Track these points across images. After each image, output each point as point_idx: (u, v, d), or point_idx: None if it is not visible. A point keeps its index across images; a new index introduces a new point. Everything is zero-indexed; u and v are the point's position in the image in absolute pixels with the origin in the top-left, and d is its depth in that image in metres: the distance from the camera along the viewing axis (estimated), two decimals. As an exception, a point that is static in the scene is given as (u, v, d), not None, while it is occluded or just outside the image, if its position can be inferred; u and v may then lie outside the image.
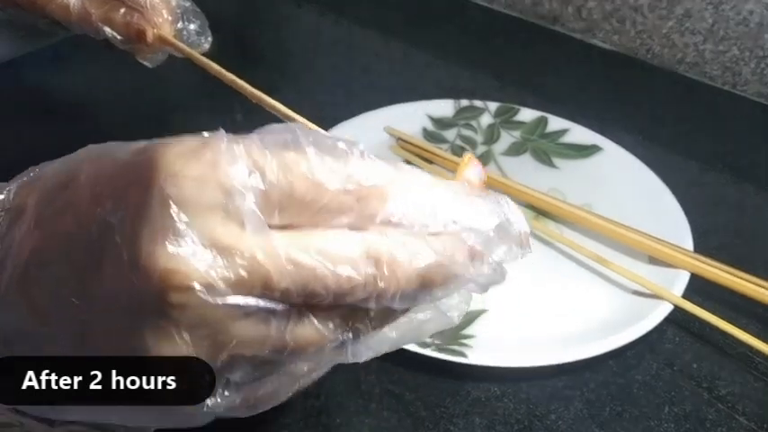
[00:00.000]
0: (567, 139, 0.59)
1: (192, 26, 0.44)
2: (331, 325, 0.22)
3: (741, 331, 0.43)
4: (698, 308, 0.44)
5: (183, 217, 0.19)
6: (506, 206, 0.26)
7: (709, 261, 0.47)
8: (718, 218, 0.54)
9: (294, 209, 0.21)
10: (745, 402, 0.41)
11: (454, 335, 0.44)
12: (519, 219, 0.26)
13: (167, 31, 0.43)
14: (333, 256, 0.21)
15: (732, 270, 0.46)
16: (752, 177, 0.59)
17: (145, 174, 0.20)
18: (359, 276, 0.21)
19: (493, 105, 0.62)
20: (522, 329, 0.44)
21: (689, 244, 0.49)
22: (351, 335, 0.23)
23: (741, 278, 0.46)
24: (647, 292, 0.46)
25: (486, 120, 0.61)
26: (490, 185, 0.55)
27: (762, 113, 0.66)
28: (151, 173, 0.20)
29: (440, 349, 0.42)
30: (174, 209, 0.19)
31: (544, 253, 0.50)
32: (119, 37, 0.43)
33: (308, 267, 0.20)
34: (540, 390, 0.41)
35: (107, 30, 0.43)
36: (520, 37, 0.77)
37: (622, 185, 0.55)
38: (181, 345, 0.20)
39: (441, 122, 0.61)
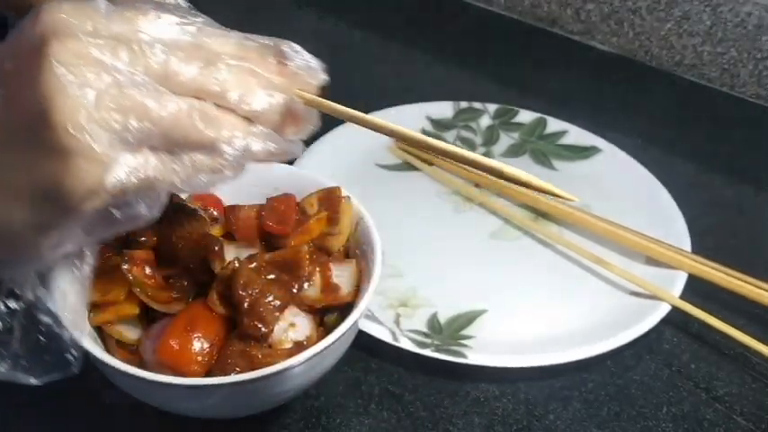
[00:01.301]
0: (565, 140, 0.60)
1: None
2: (195, 104, 0.26)
3: (739, 332, 0.43)
4: (696, 308, 0.45)
5: (65, 7, 0.25)
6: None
7: (707, 262, 0.47)
8: (716, 219, 0.54)
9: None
10: (743, 402, 0.41)
11: (453, 335, 0.44)
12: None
13: None
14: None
15: (730, 271, 0.47)
16: (750, 178, 0.59)
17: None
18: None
19: (492, 107, 0.63)
20: (521, 330, 0.45)
21: (687, 245, 0.49)
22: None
23: (739, 279, 0.46)
24: (646, 292, 0.46)
25: (485, 121, 0.62)
26: (490, 187, 0.55)
27: (760, 115, 0.66)
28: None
29: (439, 350, 0.42)
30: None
31: (543, 254, 0.50)
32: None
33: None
34: (538, 390, 0.42)
35: None
36: (519, 39, 0.77)
37: (621, 187, 0.55)
38: (67, 83, 0.23)
39: (440, 124, 0.61)
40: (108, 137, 0.24)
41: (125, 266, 0.36)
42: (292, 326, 0.36)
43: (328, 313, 0.38)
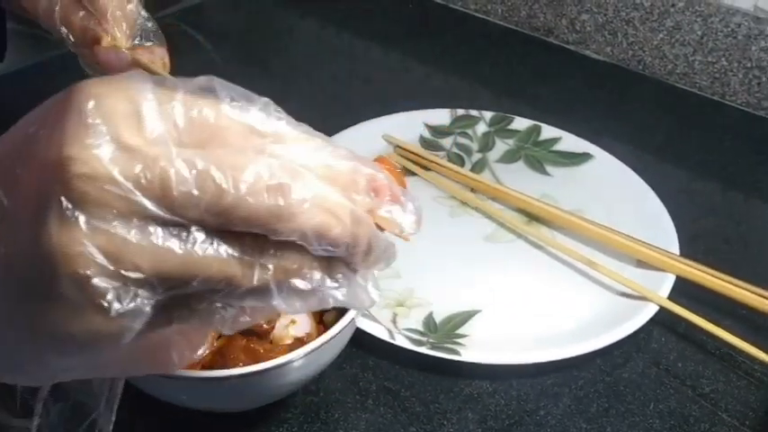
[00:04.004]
0: (559, 147, 0.61)
1: (147, 44, 0.44)
2: (240, 254, 0.21)
3: (725, 332, 0.45)
4: (683, 309, 0.46)
5: (95, 119, 0.19)
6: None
7: (694, 264, 0.49)
8: (705, 224, 0.56)
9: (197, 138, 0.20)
10: (728, 400, 0.43)
11: (448, 334, 0.45)
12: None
13: (123, 44, 0.43)
14: (238, 166, 0.20)
15: (716, 273, 0.48)
16: (739, 185, 0.60)
17: (66, 97, 0.20)
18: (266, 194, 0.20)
19: (488, 114, 0.64)
20: (514, 329, 0.46)
21: (675, 248, 0.51)
22: (271, 276, 0.21)
23: (725, 281, 0.48)
24: (635, 293, 0.48)
25: (481, 128, 0.63)
26: (485, 192, 0.57)
27: (749, 123, 0.68)
28: (71, 95, 0.20)
29: (434, 347, 0.43)
30: (88, 113, 0.20)
31: (536, 256, 0.52)
32: (71, 39, 0.43)
33: (209, 175, 0.19)
34: (530, 387, 0.43)
35: (63, 30, 0.43)
36: (515, 48, 0.79)
37: (613, 192, 0.57)
38: (78, 233, 0.19)
39: (437, 131, 0.63)
40: (127, 290, 0.20)
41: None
42: (293, 323, 0.37)
43: (327, 311, 0.39)
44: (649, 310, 0.46)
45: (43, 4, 0.43)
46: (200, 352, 0.26)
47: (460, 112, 0.64)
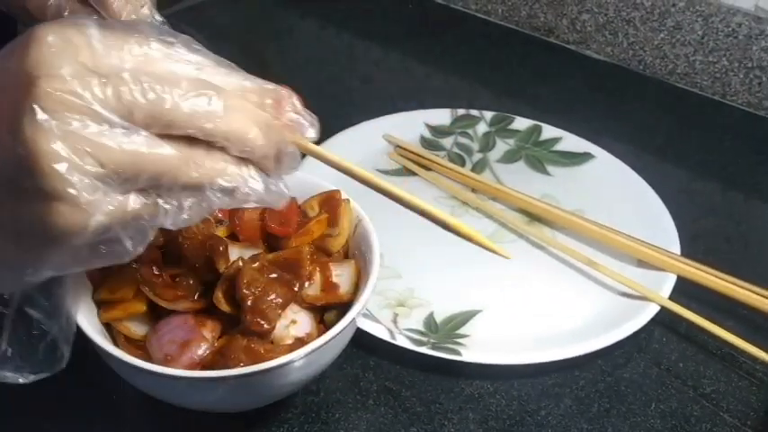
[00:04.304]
0: (560, 146, 0.61)
1: None
2: (178, 151, 0.26)
3: (726, 332, 0.45)
4: (684, 309, 0.46)
5: (56, 48, 0.24)
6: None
7: (695, 264, 0.49)
8: (706, 223, 0.56)
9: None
10: (729, 400, 0.43)
11: (449, 334, 0.45)
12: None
13: None
14: (173, 81, 0.26)
15: (718, 273, 0.48)
16: (740, 185, 0.60)
17: (28, 35, 0.25)
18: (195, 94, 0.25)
19: (488, 114, 0.64)
20: (515, 329, 0.46)
21: (676, 248, 0.51)
22: (202, 173, 0.26)
23: (726, 281, 0.48)
24: (636, 293, 0.48)
25: (481, 128, 0.63)
26: (486, 192, 0.57)
27: (750, 122, 0.67)
28: (33, 33, 0.25)
29: (435, 348, 0.43)
30: (50, 44, 0.24)
31: (537, 256, 0.52)
32: None
33: (151, 87, 0.25)
34: (531, 387, 0.43)
35: None
36: (516, 48, 0.79)
37: (613, 192, 0.57)
38: (49, 134, 0.23)
39: (438, 130, 0.63)
40: (90, 183, 0.24)
41: (134, 266, 0.37)
42: (293, 323, 0.37)
43: (328, 311, 0.39)
44: (650, 311, 0.46)
45: (52, 9, 0.43)
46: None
47: (461, 111, 0.64)
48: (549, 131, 0.62)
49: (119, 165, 0.24)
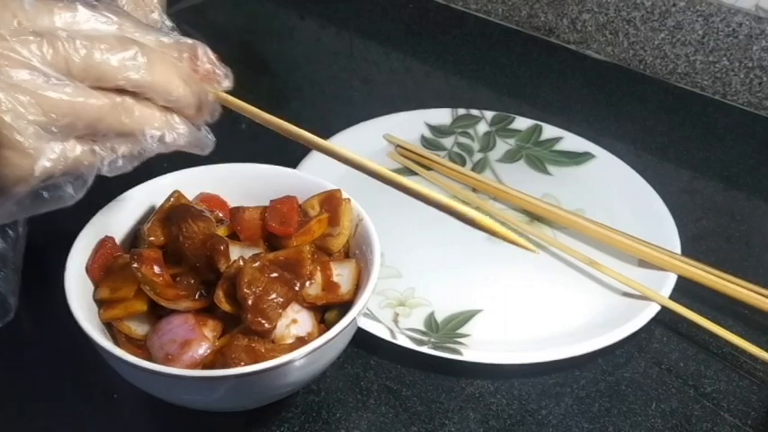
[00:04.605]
0: (560, 146, 0.61)
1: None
2: (111, 100, 0.28)
3: (726, 331, 0.45)
4: (685, 309, 0.46)
5: None
6: None
7: (696, 264, 0.49)
8: (707, 223, 0.56)
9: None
10: (730, 399, 0.43)
11: (450, 333, 0.45)
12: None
13: None
14: (101, 38, 0.28)
15: (718, 273, 0.48)
16: (741, 184, 0.60)
17: None
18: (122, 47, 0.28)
19: (489, 114, 0.64)
20: (515, 329, 0.46)
21: (677, 248, 0.51)
22: (133, 120, 0.29)
23: (727, 280, 0.48)
24: (636, 293, 0.48)
25: (482, 128, 0.63)
26: (486, 192, 0.57)
27: (751, 122, 0.67)
28: None
29: (436, 347, 0.43)
30: None
31: (538, 256, 0.52)
32: None
33: (82, 44, 0.27)
34: (531, 386, 0.43)
35: None
36: (516, 48, 0.79)
37: (614, 192, 0.57)
38: None
39: (438, 130, 0.63)
40: (34, 131, 0.26)
41: (134, 265, 0.37)
42: (294, 322, 0.37)
43: (329, 311, 0.39)
44: (651, 310, 0.46)
45: None
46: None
47: (461, 111, 0.64)
48: (549, 131, 0.62)
49: (59, 113, 0.27)
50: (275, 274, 0.37)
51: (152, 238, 0.40)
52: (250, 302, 0.36)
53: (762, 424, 0.41)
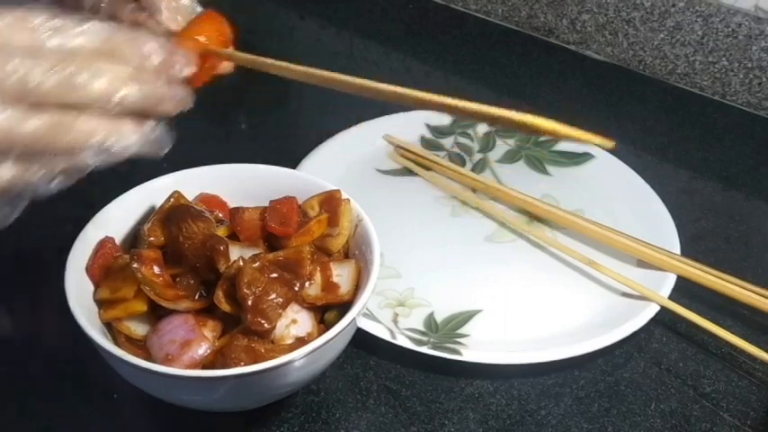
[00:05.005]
0: (559, 147, 0.61)
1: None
2: (50, 120, 0.27)
3: (726, 331, 0.45)
4: (684, 309, 0.46)
5: None
6: None
7: (695, 264, 0.49)
8: (706, 223, 0.56)
9: None
10: (729, 399, 0.43)
11: (449, 334, 0.45)
12: None
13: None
14: (40, 61, 0.27)
15: (718, 273, 0.48)
16: (740, 184, 0.60)
17: None
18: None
19: (489, 114, 0.64)
20: (515, 329, 0.46)
21: (676, 248, 0.51)
22: (74, 138, 0.28)
23: (726, 281, 0.48)
24: (636, 293, 0.48)
25: (481, 128, 0.63)
26: (486, 192, 0.57)
27: (750, 122, 0.67)
28: None
29: (435, 347, 0.43)
30: None
31: (537, 256, 0.52)
32: None
33: (21, 65, 0.26)
34: (531, 386, 0.43)
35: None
36: (516, 48, 0.79)
37: (613, 192, 0.57)
38: None
39: (438, 131, 0.63)
40: None
41: (134, 265, 0.37)
42: (294, 322, 0.37)
43: (328, 311, 0.39)
44: (650, 310, 0.46)
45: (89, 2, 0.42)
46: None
47: (461, 111, 0.64)
48: (549, 131, 0.62)
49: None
50: (275, 275, 0.37)
51: (152, 239, 0.40)
52: (250, 303, 0.36)
53: (761, 424, 0.41)
